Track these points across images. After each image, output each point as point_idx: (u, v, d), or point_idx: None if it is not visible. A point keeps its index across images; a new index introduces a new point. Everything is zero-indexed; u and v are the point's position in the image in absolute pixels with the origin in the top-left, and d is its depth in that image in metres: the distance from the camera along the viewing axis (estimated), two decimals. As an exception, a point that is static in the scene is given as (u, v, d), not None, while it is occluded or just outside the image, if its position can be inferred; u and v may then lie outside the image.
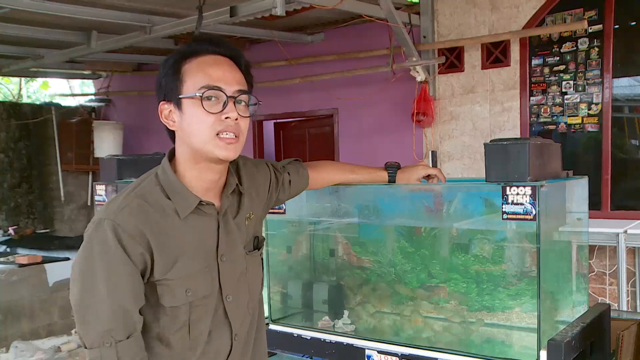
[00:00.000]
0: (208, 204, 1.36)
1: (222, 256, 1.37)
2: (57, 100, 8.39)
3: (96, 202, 2.77)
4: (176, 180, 1.33)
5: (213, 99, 1.30)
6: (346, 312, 2.20)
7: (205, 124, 1.29)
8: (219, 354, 1.38)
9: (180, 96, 1.31)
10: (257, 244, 1.49)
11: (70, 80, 8.61)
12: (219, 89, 1.30)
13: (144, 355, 1.27)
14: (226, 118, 1.30)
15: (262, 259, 1.54)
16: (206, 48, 1.34)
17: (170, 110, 1.34)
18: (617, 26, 4.42)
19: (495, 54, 4.91)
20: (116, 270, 1.23)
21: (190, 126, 1.31)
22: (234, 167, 1.47)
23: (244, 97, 1.34)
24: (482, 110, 5.01)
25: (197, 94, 1.29)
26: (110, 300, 1.22)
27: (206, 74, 1.31)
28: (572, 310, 2.02)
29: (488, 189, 1.84)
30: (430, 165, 1.98)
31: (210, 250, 1.36)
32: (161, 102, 1.35)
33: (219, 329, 1.37)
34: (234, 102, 1.32)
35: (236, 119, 1.31)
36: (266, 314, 2.28)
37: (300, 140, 6.96)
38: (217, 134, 1.30)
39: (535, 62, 4.78)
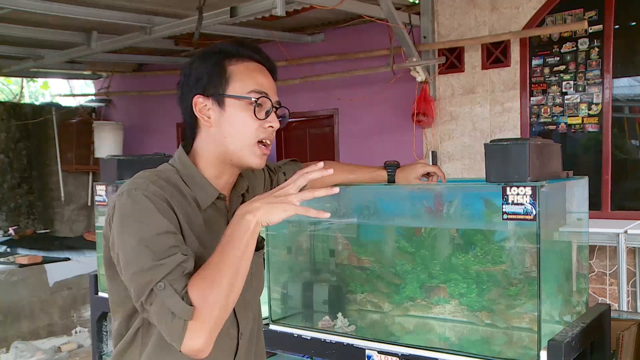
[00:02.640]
0: (223, 200, 1.37)
1: None
2: (57, 100, 8.39)
3: (96, 203, 2.78)
4: (197, 173, 1.33)
5: (260, 106, 1.32)
6: (346, 312, 2.20)
7: (250, 129, 1.31)
8: (228, 352, 1.39)
9: (226, 94, 1.30)
10: (259, 243, 1.50)
11: (71, 81, 8.61)
12: (267, 97, 1.33)
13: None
14: (269, 127, 1.33)
15: (264, 259, 1.55)
16: (251, 54, 1.35)
17: (206, 105, 1.32)
18: (617, 26, 4.43)
19: (495, 54, 4.92)
20: (146, 222, 1.20)
21: (232, 127, 1.31)
22: None
23: (282, 110, 1.37)
24: (482, 110, 5.01)
25: (252, 98, 1.30)
26: (144, 249, 1.18)
27: (255, 80, 1.32)
28: (573, 311, 2.02)
29: (488, 189, 1.85)
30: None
31: None
32: (197, 95, 1.33)
33: (228, 327, 1.38)
34: (275, 112, 1.35)
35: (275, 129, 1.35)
36: (266, 314, 2.29)
37: (301, 141, 6.97)
38: (259, 141, 1.33)
39: (535, 62, 4.78)
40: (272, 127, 1.33)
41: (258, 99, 1.30)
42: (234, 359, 1.40)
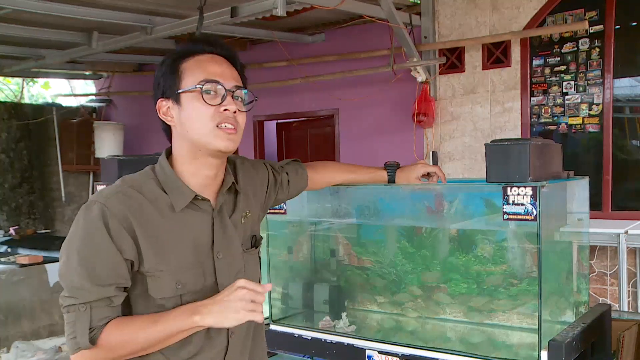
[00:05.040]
0: (203, 200, 1.37)
1: (218, 253, 1.37)
2: (58, 100, 8.39)
3: (97, 203, 2.78)
4: (173, 175, 1.36)
5: (212, 92, 1.33)
6: (347, 313, 2.20)
7: (206, 116, 1.32)
8: (216, 352, 1.38)
9: (179, 91, 1.34)
10: (255, 242, 1.50)
11: (72, 81, 8.61)
12: (218, 82, 1.34)
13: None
14: (225, 110, 1.33)
15: (259, 257, 1.55)
16: (203, 48, 1.38)
17: (169, 107, 1.37)
18: (618, 27, 4.42)
19: (496, 55, 4.91)
20: (94, 244, 1.25)
21: (189, 119, 1.34)
22: (231, 166, 1.49)
23: (240, 92, 1.38)
24: (482, 110, 5.01)
25: (197, 87, 1.32)
26: (82, 269, 1.24)
27: (205, 69, 1.34)
28: (573, 311, 2.02)
29: (489, 190, 1.85)
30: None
31: (204, 246, 1.36)
32: (159, 100, 1.38)
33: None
34: (232, 96, 1.35)
35: (234, 112, 1.35)
36: (267, 314, 2.29)
37: (302, 141, 6.97)
38: (217, 125, 1.33)
39: (536, 62, 4.78)
40: (227, 110, 1.33)
41: (203, 85, 1.32)
42: (223, 358, 1.39)
